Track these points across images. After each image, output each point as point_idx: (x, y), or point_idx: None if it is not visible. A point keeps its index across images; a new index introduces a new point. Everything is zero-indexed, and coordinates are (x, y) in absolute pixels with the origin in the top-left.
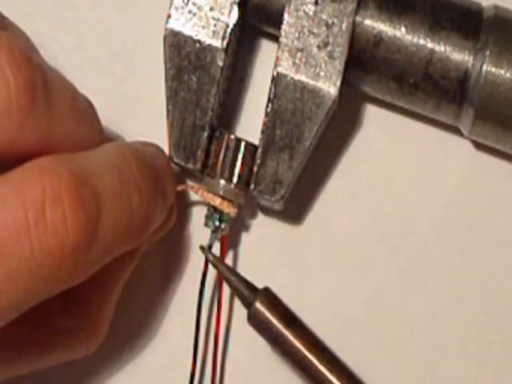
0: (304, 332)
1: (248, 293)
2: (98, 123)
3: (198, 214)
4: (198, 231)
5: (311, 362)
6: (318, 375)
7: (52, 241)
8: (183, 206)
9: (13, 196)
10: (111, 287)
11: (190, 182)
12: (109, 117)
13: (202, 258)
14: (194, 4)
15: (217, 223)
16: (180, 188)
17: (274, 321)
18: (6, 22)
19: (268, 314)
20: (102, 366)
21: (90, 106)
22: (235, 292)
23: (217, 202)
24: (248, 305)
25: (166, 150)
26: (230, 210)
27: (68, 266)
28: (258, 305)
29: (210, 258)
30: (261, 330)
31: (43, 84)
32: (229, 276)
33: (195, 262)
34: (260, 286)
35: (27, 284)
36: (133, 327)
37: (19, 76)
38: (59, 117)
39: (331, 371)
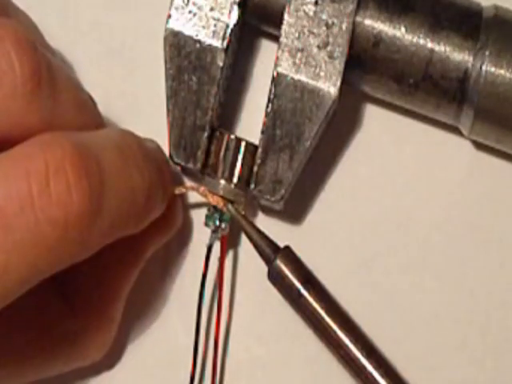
0: (322, 291)
1: (269, 250)
2: (100, 116)
3: (198, 214)
4: (198, 231)
5: (327, 322)
6: (333, 335)
7: (56, 211)
8: (183, 206)
9: (15, 168)
10: (118, 291)
11: (190, 183)
12: (109, 117)
13: (203, 257)
14: (194, 4)
15: (217, 223)
16: (178, 191)
17: (293, 279)
18: (12, 9)
19: (287, 272)
20: (101, 366)
21: (92, 99)
22: (256, 249)
23: (217, 201)
24: (269, 262)
25: (166, 149)
26: (229, 208)
27: (73, 238)
28: (279, 262)
29: (233, 212)
30: (280, 288)
31: (48, 71)
32: (251, 232)
33: (196, 261)
34: (260, 285)
35: (33, 256)
36: (133, 327)
37: (25, 62)
38: (63, 105)
39: (345, 333)
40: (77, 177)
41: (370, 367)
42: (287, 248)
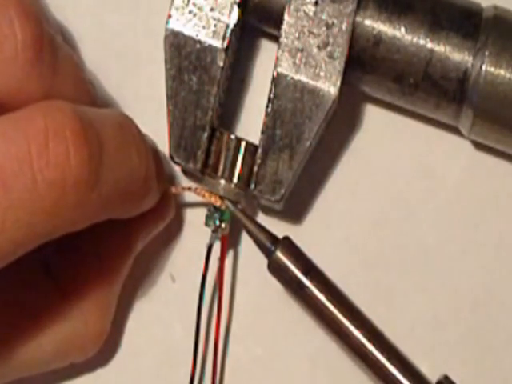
0: (323, 281)
1: (269, 242)
2: (98, 99)
3: (198, 214)
4: (198, 231)
5: (330, 310)
6: (337, 324)
7: (54, 173)
8: (183, 206)
9: (15, 129)
10: (108, 281)
11: (189, 183)
12: None
13: (203, 257)
14: (194, 4)
15: (217, 223)
16: (175, 191)
17: (295, 269)
18: None
19: (288, 263)
20: (101, 366)
21: (91, 83)
22: (256, 241)
23: (217, 201)
24: (269, 254)
25: (166, 149)
26: (227, 204)
27: (70, 203)
28: (279, 253)
29: (231, 207)
30: (281, 279)
31: (49, 43)
32: (250, 226)
33: (195, 261)
34: (260, 285)
35: (29, 217)
36: (133, 327)
37: (27, 29)
38: (63, 78)
39: (350, 319)
40: (76, 142)
41: (376, 353)
42: (287, 238)
